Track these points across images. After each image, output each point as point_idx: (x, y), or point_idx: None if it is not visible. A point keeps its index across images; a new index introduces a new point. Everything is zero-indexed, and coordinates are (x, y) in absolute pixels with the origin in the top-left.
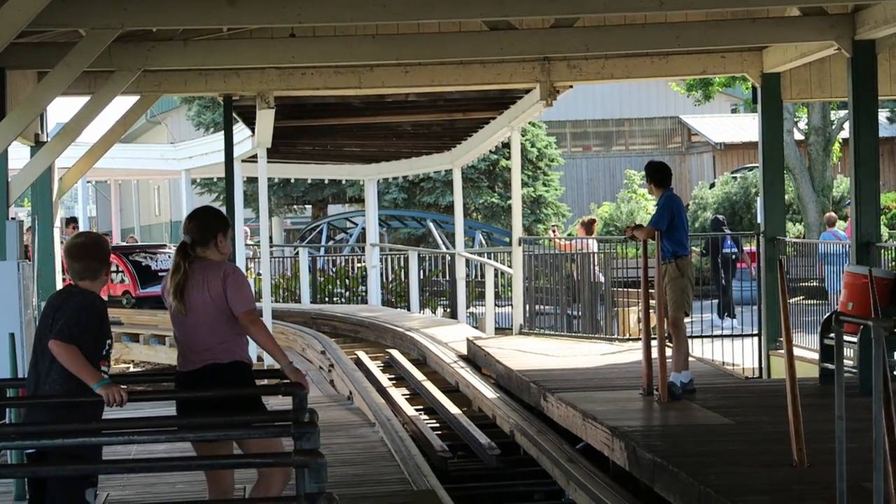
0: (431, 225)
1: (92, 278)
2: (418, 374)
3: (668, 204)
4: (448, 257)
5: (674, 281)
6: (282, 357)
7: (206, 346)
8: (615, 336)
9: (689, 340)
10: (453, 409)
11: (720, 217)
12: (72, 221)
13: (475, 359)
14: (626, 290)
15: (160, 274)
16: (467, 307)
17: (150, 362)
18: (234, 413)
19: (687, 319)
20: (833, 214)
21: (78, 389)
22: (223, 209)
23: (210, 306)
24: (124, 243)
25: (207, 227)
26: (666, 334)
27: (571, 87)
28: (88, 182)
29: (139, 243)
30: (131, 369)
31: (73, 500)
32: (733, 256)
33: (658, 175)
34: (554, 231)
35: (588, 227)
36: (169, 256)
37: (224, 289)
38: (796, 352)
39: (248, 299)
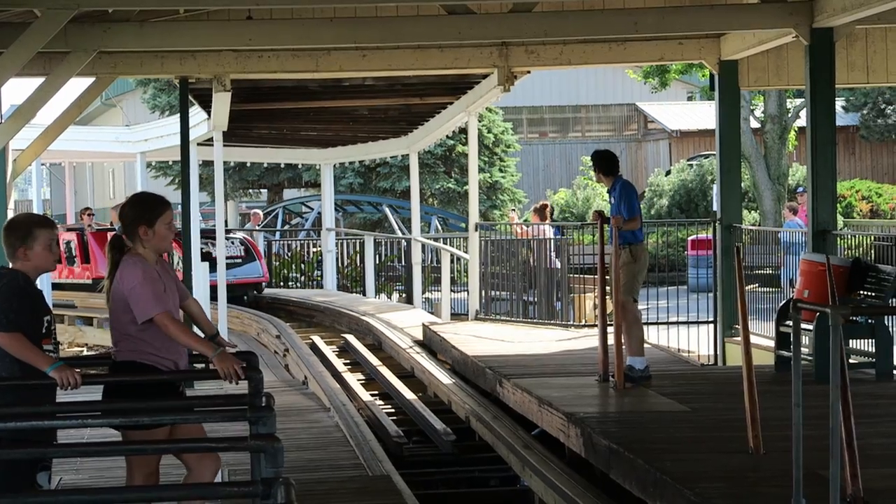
0: (387, 210)
1: (13, 258)
2: (374, 360)
3: (632, 190)
4: (404, 242)
5: (626, 266)
6: (206, 349)
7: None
8: (571, 322)
9: (645, 327)
10: (409, 395)
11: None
12: (86, 210)
13: (431, 344)
14: (581, 276)
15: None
16: (423, 292)
17: (104, 346)
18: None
19: (642, 306)
20: (795, 203)
21: (23, 373)
22: (178, 193)
23: (114, 305)
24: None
25: (128, 218)
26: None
27: (529, 72)
28: (43, 164)
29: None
30: (85, 352)
31: (24, 485)
32: None
33: (608, 163)
34: (513, 216)
35: (541, 212)
36: (233, 243)
37: (123, 291)
38: (752, 339)
39: (145, 308)
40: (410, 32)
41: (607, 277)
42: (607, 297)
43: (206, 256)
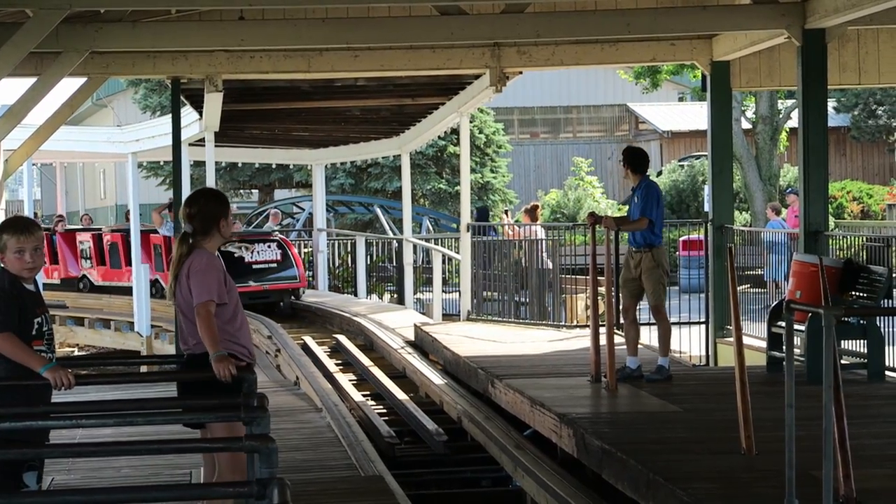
0: (379, 210)
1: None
2: (365, 360)
3: (655, 192)
4: (395, 243)
5: (650, 271)
6: (212, 348)
7: (184, 336)
8: (563, 323)
9: (640, 327)
10: (400, 395)
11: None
12: (60, 218)
13: (422, 345)
14: (573, 276)
15: (255, 268)
16: (414, 293)
17: (94, 346)
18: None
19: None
20: (778, 203)
21: (11, 374)
22: (169, 193)
23: (184, 298)
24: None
25: (208, 212)
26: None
27: (521, 73)
28: (34, 165)
29: (240, 230)
30: (76, 353)
31: (10, 485)
32: None
33: (636, 160)
34: (506, 216)
35: (532, 213)
36: (269, 246)
37: (188, 280)
38: (743, 340)
39: (201, 292)
40: (402, 33)
41: (600, 278)
42: (600, 297)
43: (238, 262)
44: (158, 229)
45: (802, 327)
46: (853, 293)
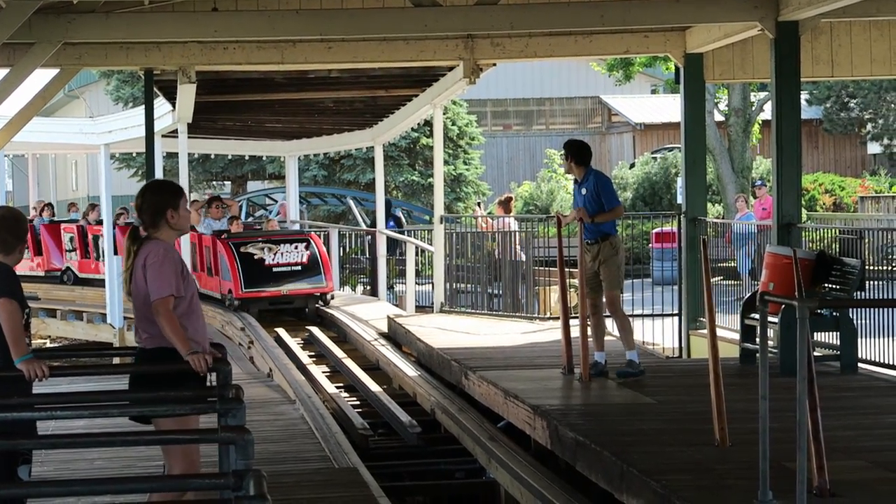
0: (352, 202)
1: (5, 252)
2: (339, 352)
3: (609, 180)
4: (368, 235)
5: (610, 259)
6: (182, 346)
7: (138, 330)
8: (536, 315)
9: (608, 321)
10: (374, 387)
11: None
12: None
13: (396, 336)
14: (546, 268)
15: (276, 271)
16: (388, 285)
17: (67, 338)
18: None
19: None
20: (745, 195)
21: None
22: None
23: (139, 292)
24: (224, 228)
25: (154, 204)
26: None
27: (495, 65)
28: (6, 156)
29: (265, 229)
30: (48, 345)
31: (4, 479)
32: None
33: (582, 153)
34: (478, 208)
35: (506, 205)
36: (296, 247)
37: (143, 272)
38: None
39: (160, 286)
40: (376, 24)
41: (574, 271)
42: (574, 290)
43: (258, 264)
44: (196, 227)
45: (775, 319)
46: (826, 285)
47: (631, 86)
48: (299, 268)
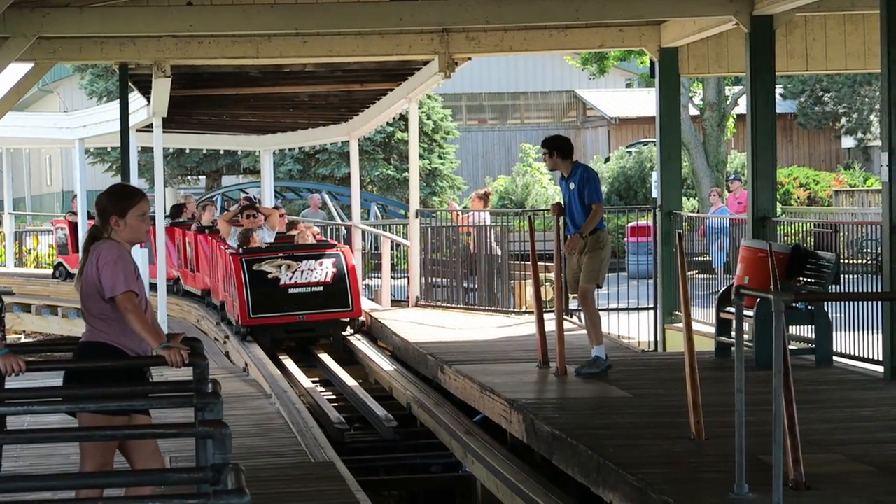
0: (327, 197)
1: None
2: (314, 347)
3: (595, 176)
4: (344, 229)
5: (594, 252)
6: (153, 339)
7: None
8: (511, 309)
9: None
10: (350, 381)
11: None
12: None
13: (371, 331)
14: (522, 262)
15: (291, 292)
16: (363, 279)
17: (41, 332)
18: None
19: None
20: (719, 188)
21: None
22: (117, 179)
23: (87, 289)
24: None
25: (101, 208)
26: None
27: (470, 59)
28: None
29: (296, 240)
30: (23, 340)
31: None
32: None
33: (566, 147)
34: (451, 203)
35: (484, 199)
36: (321, 263)
37: (96, 271)
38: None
39: (115, 283)
40: (351, 19)
41: (550, 265)
42: (550, 284)
43: (271, 285)
44: (227, 239)
45: (750, 313)
46: (801, 279)
47: (605, 80)
48: (321, 288)
